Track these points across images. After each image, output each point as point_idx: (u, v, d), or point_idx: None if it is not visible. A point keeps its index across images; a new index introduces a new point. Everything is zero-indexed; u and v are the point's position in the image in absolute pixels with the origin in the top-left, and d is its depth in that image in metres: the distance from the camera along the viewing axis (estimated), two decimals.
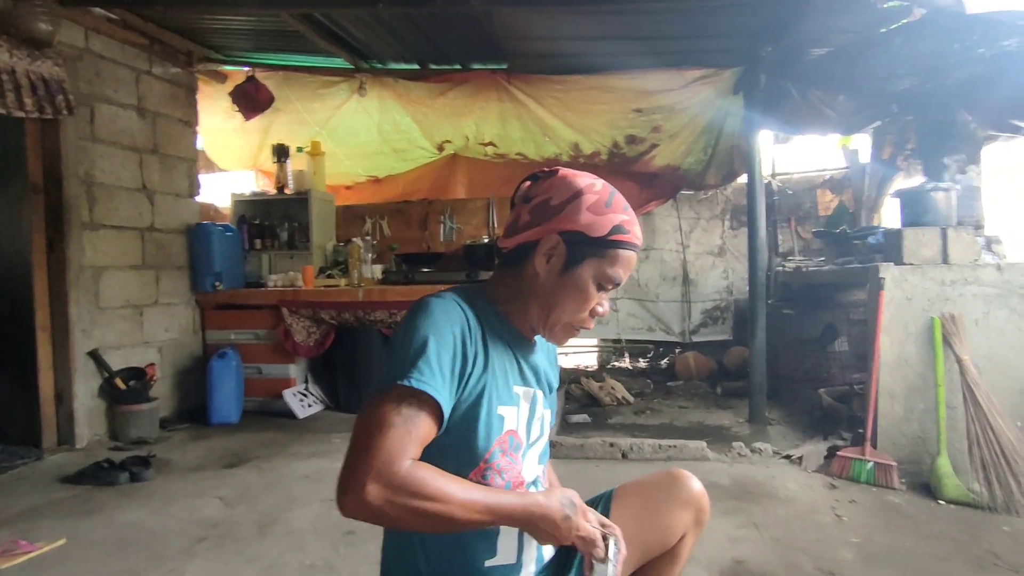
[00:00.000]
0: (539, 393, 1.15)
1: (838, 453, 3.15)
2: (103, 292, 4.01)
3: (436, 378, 0.93)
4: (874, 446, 3.09)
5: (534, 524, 0.94)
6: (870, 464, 3.02)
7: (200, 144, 5.24)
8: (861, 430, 3.19)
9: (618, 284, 1.07)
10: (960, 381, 2.97)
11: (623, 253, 1.05)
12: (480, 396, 1.00)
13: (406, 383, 0.91)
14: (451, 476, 0.90)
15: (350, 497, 0.83)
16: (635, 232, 1.07)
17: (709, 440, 3.55)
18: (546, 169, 1.11)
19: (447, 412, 0.95)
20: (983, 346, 3.07)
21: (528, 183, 1.12)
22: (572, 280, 1.04)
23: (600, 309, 1.09)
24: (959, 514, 2.67)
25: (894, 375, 3.15)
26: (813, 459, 3.27)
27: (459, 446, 1.00)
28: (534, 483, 1.15)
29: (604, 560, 1.03)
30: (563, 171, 1.09)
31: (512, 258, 1.08)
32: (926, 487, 2.92)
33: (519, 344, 1.12)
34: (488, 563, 1.03)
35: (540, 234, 1.04)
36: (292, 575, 2.16)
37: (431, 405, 0.93)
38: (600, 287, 1.06)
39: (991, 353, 3.07)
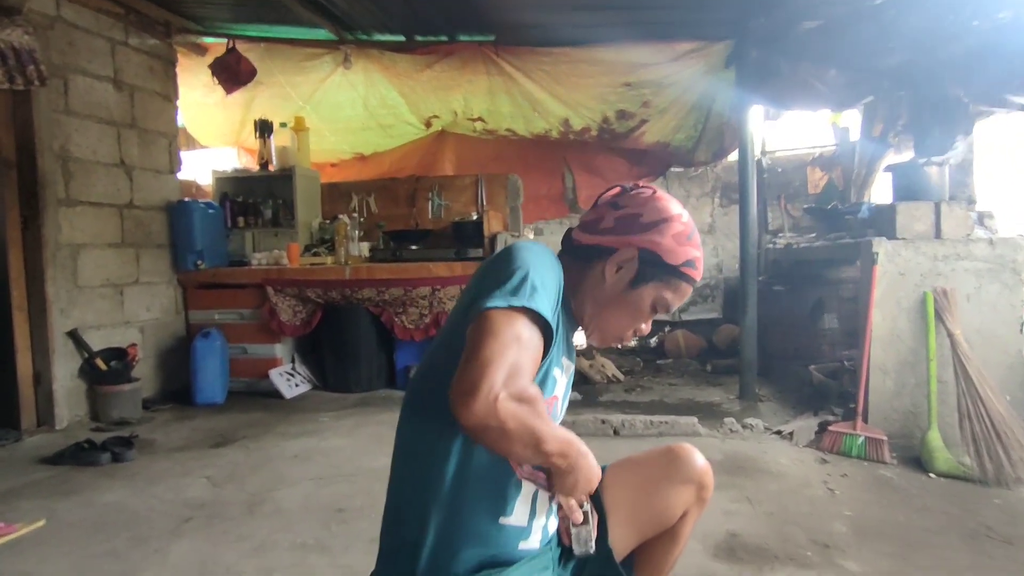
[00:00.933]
0: (574, 372, 1.16)
1: (829, 428, 3.15)
2: (81, 270, 3.90)
3: (551, 315, 0.91)
4: (865, 421, 3.10)
5: (576, 471, 0.93)
6: (861, 438, 3.02)
7: (180, 120, 5.10)
8: (852, 405, 3.20)
9: (669, 312, 1.12)
10: (951, 355, 2.97)
11: (684, 285, 1.10)
12: (550, 350, 0.98)
13: (532, 307, 0.88)
14: None
15: (482, 401, 0.78)
16: (700, 270, 1.11)
17: (700, 416, 3.55)
18: (640, 184, 1.14)
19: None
20: (975, 320, 3.07)
21: (618, 189, 1.14)
22: (634, 296, 1.08)
23: (644, 328, 1.14)
24: (950, 487, 2.68)
25: (886, 350, 3.14)
26: (804, 434, 3.27)
27: None
28: None
29: (582, 524, 1.06)
30: (660, 192, 1.12)
31: (583, 253, 1.11)
32: (917, 461, 2.93)
33: (570, 321, 1.12)
34: (502, 520, 1.02)
35: (620, 244, 1.08)
36: (283, 553, 2.12)
37: (546, 338, 0.91)
38: (653, 309, 1.10)
39: (983, 327, 3.07)
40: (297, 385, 4.51)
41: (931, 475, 2.80)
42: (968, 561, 2.04)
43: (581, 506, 1.09)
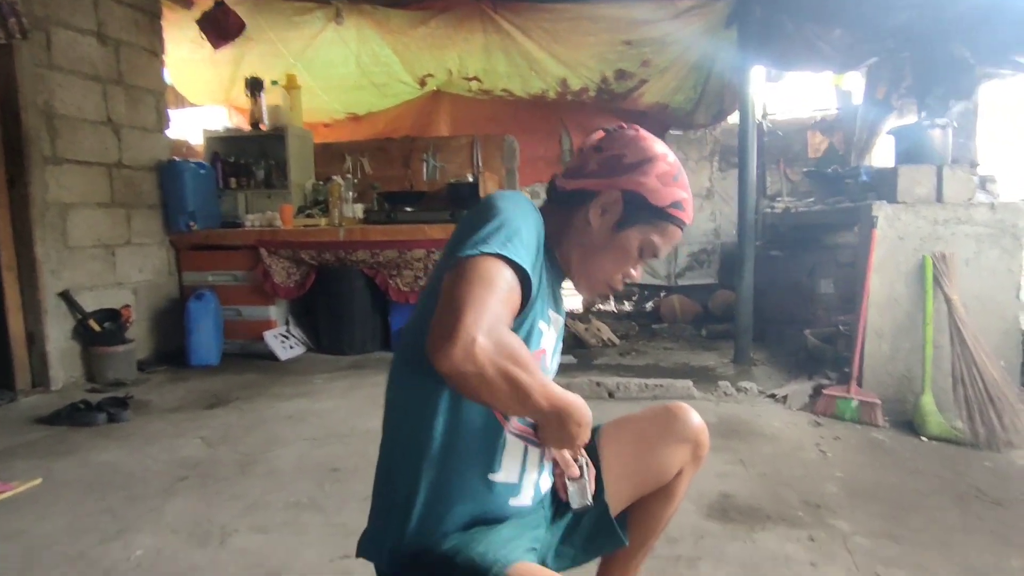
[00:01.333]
0: (563, 325, 1.13)
1: (823, 392, 3.16)
2: (71, 231, 3.84)
3: (528, 263, 0.89)
4: (859, 385, 3.11)
5: (568, 422, 0.91)
6: (855, 402, 3.04)
7: (168, 78, 4.97)
8: (847, 370, 3.20)
9: (657, 256, 1.09)
10: (948, 320, 2.96)
11: (672, 228, 1.06)
12: (531, 302, 0.96)
13: (507, 255, 0.86)
14: None
15: (459, 347, 0.76)
16: (689, 212, 1.07)
17: (695, 380, 3.56)
18: (623, 125, 1.10)
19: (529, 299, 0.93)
20: (973, 286, 3.05)
21: (602, 134, 1.10)
22: (620, 239, 1.05)
23: (633, 273, 1.11)
24: (942, 450, 2.71)
25: (883, 314, 3.13)
26: (798, 398, 3.28)
27: None
28: None
29: (578, 479, 1.08)
30: (642, 132, 1.08)
31: (567, 199, 1.08)
32: (909, 424, 2.95)
33: (556, 273, 1.10)
34: (491, 476, 1.00)
35: (603, 186, 1.04)
36: (277, 512, 2.13)
37: (524, 286, 0.89)
38: (641, 253, 1.07)
39: (980, 293, 3.06)
40: (291, 347, 4.51)
41: (923, 438, 2.83)
42: (958, 522, 2.07)
43: (576, 460, 1.09)
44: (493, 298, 0.81)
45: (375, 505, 1.06)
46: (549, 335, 1.06)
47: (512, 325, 0.87)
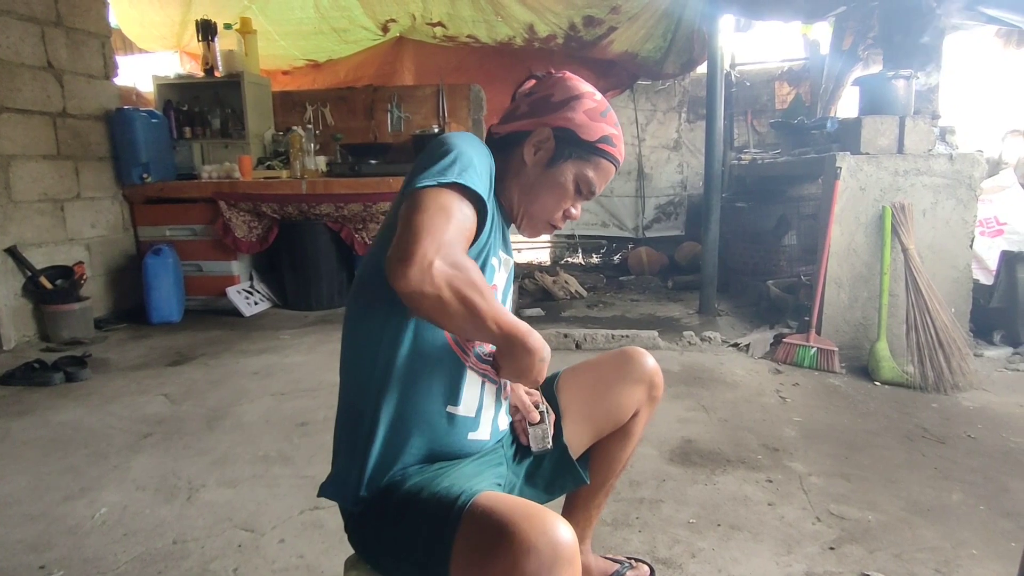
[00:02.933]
0: (514, 266, 1.15)
1: (783, 340, 3.25)
2: (15, 184, 3.65)
3: (483, 189, 0.92)
4: (818, 333, 3.20)
5: (521, 351, 0.92)
6: (813, 350, 3.13)
7: (113, 20, 4.68)
8: (807, 318, 3.29)
9: (593, 192, 1.11)
10: (904, 269, 3.05)
11: (604, 163, 1.09)
12: (485, 235, 0.98)
13: (463, 183, 0.89)
14: None
15: (415, 269, 0.79)
16: (620, 149, 1.10)
17: (660, 330, 3.62)
18: (552, 71, 1.14)
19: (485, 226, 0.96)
20: (928, 236, 3.14)
21: (533, 81, 1.15)
22: (554, 175, 1.08)
23: (573, 212, 1.13)
24: (893, 394, 2.82)
25: (842, 264, 3.21)
26: (760, 346, 3.37)
27: None
28: None
29: (539, 423, 1.15)
30: (569, 74, 1.13)
31: (503, 144, 1.11)
32: (864, 370, 3.06)
33: (503, 217, 1.12)
34: (450, 409, 1.02)
35: (533, 125, 1.08)
36: (245, 465, 2.12)
37: (480, 213, 0.92)
38: (577, 190, 1.10)
39: (935, 243, 3.15)
40: (256, 303, 4.43)
41: (876, 383, 2.94)
42: (903, 459, 2.17)
43: (537, 406, 1.14)
44: (450, 225, 0.84)
45: (337, 446, 1.07)
46: (500, 273, 1.08)
47: (469, 253, 0.90)
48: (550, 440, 1.15)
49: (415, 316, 0.93)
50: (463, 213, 0.88)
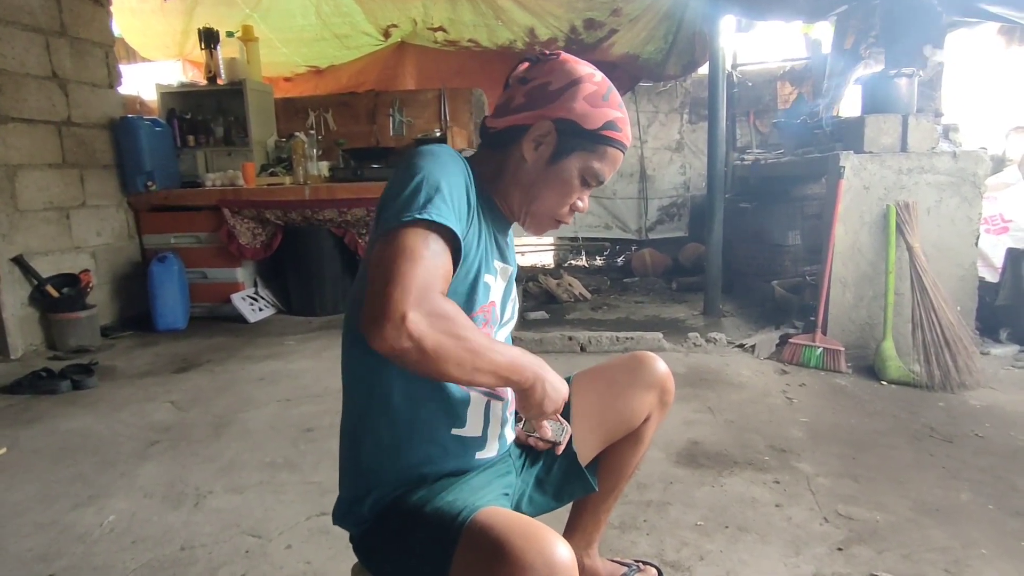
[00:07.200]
0: (514, 272, 1.10)
1: (789, 340, 3.24)
2: (21, 193, 3.68)
3: (453, 219, 0.86)
4: (824, 333, 3.19)
5: (534, 389, 0.90)
6: (819, 350, 3.12)
7: (116, 30, 4.71)
8: (812, 318, 3.28)
9: (602, 182, 1.04)
10: (909, 268, 3.04)
11: (611, 151, 1.01)
12: (472, 256, 0.94)
13: (427, 217, 0.83)
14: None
15: (390, 326, 0.75)
16: (626, 132, 1.03)
17: (665, 332, 3.61)
18: (547, 52, 1.04)
19: (462, 255, 0.90)
20: (933, 234, 3.13)
21: (527, 64, 1.05)
22: (558, 171, 1.00)
23: (580, 204, 1.06)
24: (900, 393, 2.81)
25: (847, 263, 3.20)
26: (765, 347, 3.36)
27: None
28: None
29: (554, 442, 1.13)
30: (565, 56, 1.02)
31: (499, 139, 1.03)
32: (870, 370, 3.05)
33: (498, 221, 1.06)
34: (455, 431, 1.00)
35: (533, 119, 0.99)
36: (252, 472, 2.13)
37: (452, 245, 0.86)
38: (584, 182, 1.03)
39: (940, 241, 3.14)
40: (261, 309, 4.44)
41: (883, 382, 2.93)
42: (911, 459, 2.16)
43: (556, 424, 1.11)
44: (418, 268, 0.79)
45: (342, 471, 1.07)
46: (497, 286, 1.02)
47: (448, 288, 0.86)
48: (565, 434, 1.13)
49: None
50: (431, 251, 0.82)
